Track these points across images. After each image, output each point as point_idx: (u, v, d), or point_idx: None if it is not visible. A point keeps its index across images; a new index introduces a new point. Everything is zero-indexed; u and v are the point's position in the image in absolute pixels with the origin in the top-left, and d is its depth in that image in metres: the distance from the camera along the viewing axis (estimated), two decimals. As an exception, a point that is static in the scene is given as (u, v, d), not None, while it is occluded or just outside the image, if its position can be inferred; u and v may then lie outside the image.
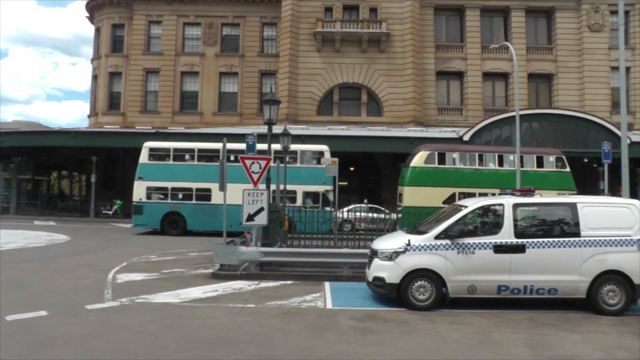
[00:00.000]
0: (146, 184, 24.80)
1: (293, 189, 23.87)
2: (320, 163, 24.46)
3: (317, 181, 24.30)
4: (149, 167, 24.94)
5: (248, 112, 39.36)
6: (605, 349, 7.94)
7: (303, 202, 24.04)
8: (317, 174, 24.25)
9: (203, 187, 24.25)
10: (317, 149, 25.42)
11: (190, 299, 10.72)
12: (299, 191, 24.20)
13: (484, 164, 23.94)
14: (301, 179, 24.20)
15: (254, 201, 13.75)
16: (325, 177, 23.76)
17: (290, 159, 24.37)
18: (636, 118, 37.98)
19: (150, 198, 24.56)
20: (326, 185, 24.20)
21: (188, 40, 40.90)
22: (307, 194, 24.42)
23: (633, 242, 10.16)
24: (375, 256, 10.62)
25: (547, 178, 23.48)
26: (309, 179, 24.41)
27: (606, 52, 38.56)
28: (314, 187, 24.32)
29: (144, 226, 25.00)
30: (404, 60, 37.22)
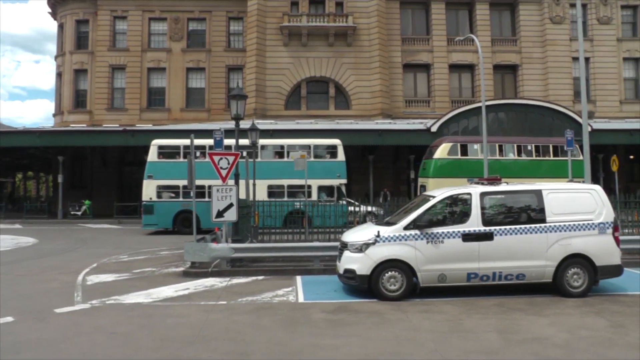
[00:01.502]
0: (156, 183, 24.36)
1: (308, 183, 23.83)
2: (334, 157, 24.74)
3: (331, 175, 24.41)
4: (159, 166, 24.54)
5: (216, 108, 39.06)
6: (570, 330, 8.18)
7: (318, 196, 24.02)
8: (332, 168, 24.49)
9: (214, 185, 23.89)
10: (330, 142, 25.41)
11: (162, 298, 10.63)
12: (314, 185, 24.10)
13: (504, 154, 24.32)
14: (315, 173, 23.91)
15: (223, 197, 13.71)
16: (340, 170, 24.35)
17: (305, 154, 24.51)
18: (597, 107, 38.90)
19: (161, 197, 24.11)
20: (340, 179, 24.33)
21: (154, 36, 40.35)
22: (321, 188, 24.36)
23: (594, 225, 10.47)
24: (345, 248, 10.67)
25: (562, 166, 23.98)
26: (323, 173, 24.35)
27: (567, 43, 39.36)
28: (329, 181, 24.31)
29: (155, 226, 24.51)
30: (371, 53, 37.38)
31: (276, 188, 23.92)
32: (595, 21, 39.97)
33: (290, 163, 23.60)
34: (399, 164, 36.33)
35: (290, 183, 23.95)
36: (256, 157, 24.17)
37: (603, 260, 10.40)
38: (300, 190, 23.85)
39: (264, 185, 23.25)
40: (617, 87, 39.99)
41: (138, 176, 36.20)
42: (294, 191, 24.08)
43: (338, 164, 24.68)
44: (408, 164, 34.03)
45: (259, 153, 24.29)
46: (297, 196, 23.64)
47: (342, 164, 24.75)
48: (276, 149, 25.19)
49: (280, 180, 24.08)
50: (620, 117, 38.43)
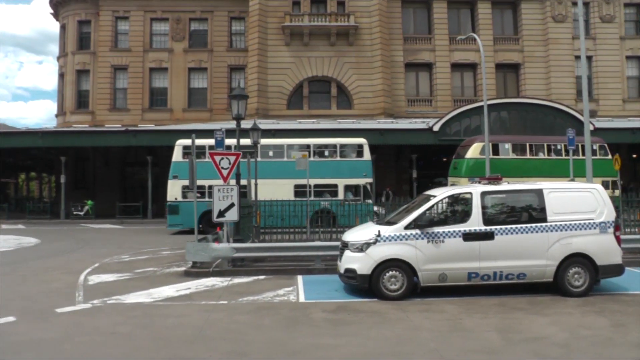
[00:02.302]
0: (181, 183, 24.11)
1: (335, 182, 24.15)
2: (359, 156, 24.78)
3: (357, 174, 24.36)
4: (183, 166, 24.14)
5: (218, 108, 39.05)
6: (571, 329, 8.17)
7: (344, 195, 24.04)
8: (357, 167, 24.49)
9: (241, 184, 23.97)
10: (356, 142, 25.38)
11: (163, 297, 10.63)
12: (340, 185, 24.18)
13: (534, 153, 24.38)
14: (342, 173, 24.25)
15: (224, 197, 13.70)
16: (366, 169, 24.43)
17: (330, 153, 24.82)
18: (599, 105, 38.80)
19: (186, 197, 23.90)
20: (366, 178, 24.35)
21: (156, 36, 40.36)
22: (347, 187, 24.36)
23: (595, 225, 10.45)
24: (346, 248, 10.67)
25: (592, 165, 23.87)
26: (350, 172, 24.39)
27: (570, 41, 39.23)
28: (355, 180, 24.26)
29: (181, 226, 24.32)
30: (373, 52, 37.34)
31: (303, 188, 23.98)
32: (598, 19, 39.83)
33: (316, 162, 23.88)
34: (401, 163, 36.29)
35: (317, 182, 23.90)
36: (282, 157, 24.35)
37: (604, 259, 10.38)
38: (326, 189, 24.07)
39: (291, 184, 23.45)
40: (620, 86, 39.85)
41: (140, 176, 36.44)
42: (320, 190, 24.16)
43: (364, 163, 24.73)
44: (410, 163, 33.98)
45: (285, 152, 24.54)
46: (324, 196, 23.77)
47: (368, 163, 24.82)
48: (302, 149, 25.23)
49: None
50: (623, 115, 38.28)
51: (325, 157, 24.87)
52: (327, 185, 23.86)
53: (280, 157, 24.65)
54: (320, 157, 24.69)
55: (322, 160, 24.60)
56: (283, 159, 24.53)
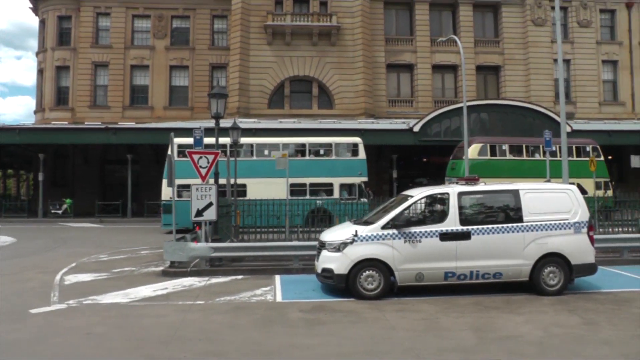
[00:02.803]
0: (177, 182, 23.96)
1: (330, 181, 24.29)
2: (355, 155, 24.93)
3: (353, 173, 24.52)
4: (179, 165, 23.90)
5: (199, 106, 38.76)
6: (545, 327, 8.29)
7: (340, 194, 24.12)
8: (353, 166, 24.64)
9: (240, 183, 23.43)
10: (351, 141, 25.57)
11: (140, 297, 10.56)
12: (336, 183, 24.30)
13: (530, 154, 24.72)
14: (337, 172, 24.39)
15: (202, 196, 13.64)
16: (361, 168, 24.55)
17: (326, 152, 24.93)
18: (577, 108, 39.33)
19: (182, 196, 23.35)
20: (362, 177, 24.50)
21: (137, 33, 39.95)
22: (343, 186, 24.46)
23: (570, 225, 10.60)
24: (323, 248, 10.68)
25: (584, 167, 24.45)
26: (345, 171, 24.55)
27: (549, 45, 39.70)
28: (350, 179, 24.42)
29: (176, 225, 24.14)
30: (355, 53, 37.42)
31: (298, 186, 23.94)
32: (575, 24, 40.41)
33: (312, 161, 24.13)
34: (381, 163, 36.40)
35: (312, 181, 24.10)
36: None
37: (578, 259, 10.54)
38: (322, 188, 24.20)
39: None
40: (596, 89, 40.45)
41: (120, 175, 36.09)
42: (316, 189, 24.27)
43: (359, 162, 24.91)
44: (390, 163, 34.14)
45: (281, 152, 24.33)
46: (320, 194, 23.87)
47: (363, 162, 25.00)
48: (297, 147, 25.36)
49: (303, 178, 24.10)
50: (599, 118, 38.88)
51: (320, 156, 25.02)
52: (322, 184, 24.01)
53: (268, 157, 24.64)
54: (315, 156, 24.90)
55: (318, 159, 24.80)
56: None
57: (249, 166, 23.89)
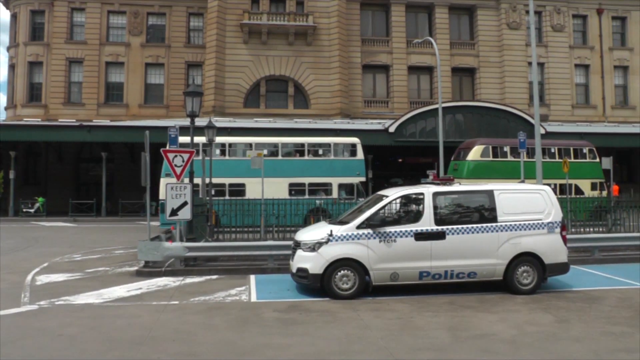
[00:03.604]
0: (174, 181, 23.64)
1: (328, 181, 24.40)
2: (353, 155, 25.12)
3: (351, 173, 24.71)
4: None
5: (175, 104, 38.36)
6: (518, 326, 8.38)
7: (338, 194, 24.21)
8: (351, 166, 24.86)
9: (236, 182, 23.78)
10: (349, 141, 25.74)
11: (114, 298, 10.41)
12: (334, 183, 24.41)
13: (530, 156, 25.12)
14: (335, 171, 24.55)
15: (177, 195, 13.48)
16: (359, 168, 24.80)
17: (324, 152, 25.09)
18: (550, 110, 39.93)
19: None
20: (360, 177, 24.69)
21: (113, 30, 39.36)
22: (341, 185, 24.53)
23: (544, 225, 10.73)
24: (298, 247, 10.64)
25: (582, 168, 25.31)
26: (343, 171, 24.71)
27: (523, 48, 40.23)
28: (348, 179, 24.55)
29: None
30: (331, 53, 37.45)
31: (297, 186, 23.97)
32: (549, 28, 41.01)
33: (310, 161, 24.34)
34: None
35: (311, 181, 24.24)
36: (276, 155, 24.25)
37: (551, 258, 10.67)
38: (321, 188, 24.31)
39: (285, 183, 23.74)
40: (569, 92, 41.11)
41: (95, 173, 35.57)
42: (315, 189, 24.37)
43: (357, 162, 25.15)
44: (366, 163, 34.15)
45: (279, 151, 24.70)
46: (318, 194, 23.96)
47: (361, 162, 25.27)
48: (297, 147, 25.41)
49: (301, 178, 24.29)
50: (572, 120, 39.51)
51: (319, 156, 25.15)
52: (321, 184, 24.09)
53: (274, 156, 24.70)
54: (314, 156, 25.03)
55: (317, 159, 24.96)
56: (277, 158, 24.63)
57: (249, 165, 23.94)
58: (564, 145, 26.90)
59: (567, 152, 26.12)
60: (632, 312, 9.23)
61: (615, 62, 42.19)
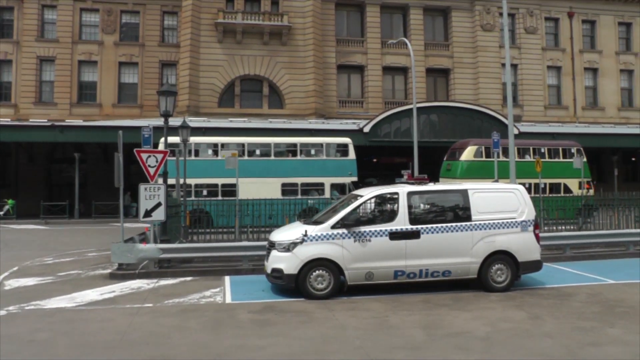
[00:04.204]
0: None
1: (321, 181, 24.55)
2: (345, 155, 25.33)
3: (343, 173, 24.91)
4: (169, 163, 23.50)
5: (149, 104, 37.84)
6: (492, 323, 8.47)
7: (330, 193, 24.29)
8: (343, 166, 25.12)
9: (229, 183, 23.40)
10: (341, 141, 26.03)
11: (87, 302, 10.23)
12: (327, 183, 24.57)
13: (521, 156, 25.59)
14: (328, 171, 24.74)
15: (151, 196, 13.30)
16: (351, 168, 25.00)
17: (316, 152, 25.22)
18: (524, 111, 40.46)
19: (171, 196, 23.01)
20: (352, 177, 24.83)
21: (85, 27, 38.62)
22: (333, 185, 24.65)
23: (517, 223, 10.86)
24: (273, 248, 10.60)
25: (570, 167, 25.59)
26: (335, 170, 24.95)
27: (497, 49, 40.72)
28: (341, 179, 24.71)
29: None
30: (306, 53, 37.41)
31: (290, 186, 23.97)
32: (522, 30, 41.58)
33: (303, 161, 24.55)
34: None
35: (304, 181, 24.34)
36: (269, 156, 24.21)
37: (524, 256, 10.82)
38: (313, 188, 24.38)
39: (278, 183, 23.83)
40: (542, 93, 41.74)
41: (67, 174, 34.97)
42: (307, 189, 24.47)
43: (349, 162, 25.42)
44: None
45: (272, 151, 24.79)
46: (311, 194, 24.02)
47: (353, 162, 25.49)
48: (289, 147, 25.46)
49: (294, 178, 24.38)
50: (544, 121, 40.12)
51: (312, 156, 25.27)
52: (314, 184, 24.12)
53: (267, 156, 24.74)
54: (307, 156, 25.18)
55: (309, 159, 25.12)
56: (270, 158, 24.68)
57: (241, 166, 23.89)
58: (554, 145, 27.60)
59: (557, 152, 26.88)
60: (601, 308, 9.45)
61: (585, 64, 42.98)
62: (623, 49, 44.09)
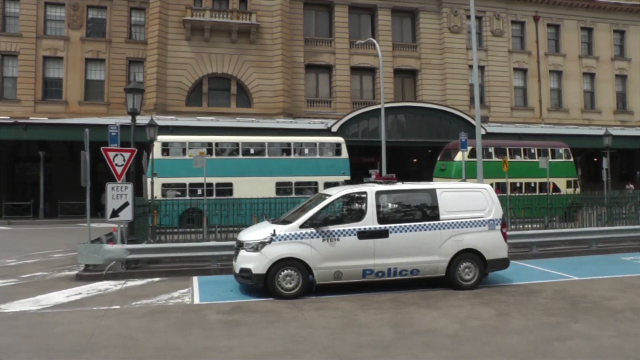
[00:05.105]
0: (161, 181, 23.06)
1: (314, 180, 24.58)
2: (338, 154, 25.46)
3: (336, 172, 24.94)
4: (163, 163, 23.33)
5: (116, 102, 37.13)
6: (460, 320, 8.57)
7: None
8: (336, 165, 25.24)
9: (224, 182, 23.49)
10: (334, 140, 26.32)
11: (52, 304, 9.99)
12: (320, 182, 24.50)
13: (512, 156, 26.24)
14: (321, 170, 24.84)
15: (118, 195, 13.08)
16: (344, 167, 25.09)
17: (309, 151, 25.25)
18: (491, 112, 41.07)
19: (166, 195, 22.75)
20: (345, 176, 24.78)
21: (50, 22, 37.63)
22: (327, 184, 24.35)
23: (485, 222, 11.01)
24: (241, 248, 10.53)
25: (558, 167, 26.63)
26: (329, 170, 25.03)
27: (464, 51, 41.26)
28: (334, 178, 24.58)
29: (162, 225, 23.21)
30: (274, 52, 37.28)
31: (284, 185, 24.04)
32: (489, 33, 42.22)
33: (297, 160, 24.60)
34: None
35: (298, 180, 24.37)
36: (263, 155, 24.40)
37: (492, 254, 10.98)
38: (307, 187, 24.41)
39: (272, 182, 23.85)
40: (508, 95, 42.45)
41: (32, 173, 34.13)
42: (301, 188, 24.48)
43: (342, 161, 25.58)
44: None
45: (266, 150, 24.74)
46: (305, 193, 23.93)
47: (346, 161, 25.67)
48: (283, 147, 25.46)
49: (288, 177, 24.41)
50: (511, 122, 40.78)
51: (305, 155, 25.33)
52: (307, 183, 24.16)
53: (261, 155, 24.69)
54: (300, 155, 25.22)
55: (302, 158, 25.18)
56: (264, 157, 24.70)
57: (236, 165, 24.06)
58: (543, 146, 28.36)
59: (546, 153, 27.44)
60: (566, 304, 9.68)
61: (550, 67, 43.92)
62: (585, 53, 45.25)
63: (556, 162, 27.29)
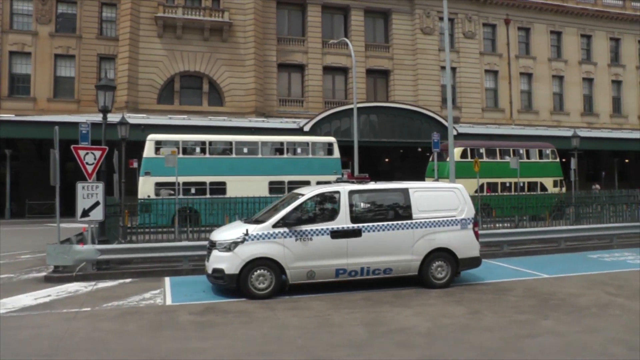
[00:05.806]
0: (154, 180, 22.69)
1: (307, 179, 24.29)
2: (330, 154, 25.43)
3: (328, 171, 24.77)
4: (156, 162, 22.65)
5: (86, 99, 36.48)
6: (433, 319, 8.66)
7: None
8: (328, 164, 25.14)
9: (217, 181, 23.29)
10: (326, 140, 26.23)
11: (19, 307, 9.74)
12: (313, 181, 24.14)
13: (502, 156, 27.06)
14: (313, 170, 24.74)
15: (89, 195, 12.86)
16: (336, 167, 25.08)
17: (302, 150, 25.22)
18: (462, 113, 41.55)
19: (159, 194, 22.20)
20: (337, 175, 24.33)
21: (18, 16, 36.69)
22: (319, 183, 24.06)
23: (457, 221, 11.13)
24: (214, 248, 10.46)
25: (545, 167, 27.40)
26: (321, 169, 24.92)
27: (436, 53, 41.64)
28: (326, 177, 24.29)
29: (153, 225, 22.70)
30: (246, 50, 37.10)
31: (277, 184, 23.93)
32: (461, 35, 42.74)
33: (289, 160, 24.61)
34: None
35: (291, 179, 24.24)
36: (256, 154, 24.32)
37: (464, 253, 11.11)
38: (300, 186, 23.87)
39: (265, 181, 23.72)
40: (479, 96, 43.02)
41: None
42: (294, 187, 23.92)
43: (334, 160, 25.52)
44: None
45: (259, 149, 24.61)
46: None
47: (337, 161, 25.65)
48: (276, 146, 25.40)
49: (281, 176, 24.33)
50: (482, 123, 41.34)
51: (297, 154, 25.32)
52: (300, 182, 23.98)
53: (254, 154, 24.59)
54: (292, 155, 25.23)
55: (295, 157, 25.16)
56: (257, 156, 24.58)
57: (229, 164, 23.92)
58: (531, 146, 28.88)
59: (534, 153, 28.14)
60: (536, 301, 9.86)
61: (521, 69, 44.67)
62: (555, 56, 46.15)
63: (543, 162, 28.04)
